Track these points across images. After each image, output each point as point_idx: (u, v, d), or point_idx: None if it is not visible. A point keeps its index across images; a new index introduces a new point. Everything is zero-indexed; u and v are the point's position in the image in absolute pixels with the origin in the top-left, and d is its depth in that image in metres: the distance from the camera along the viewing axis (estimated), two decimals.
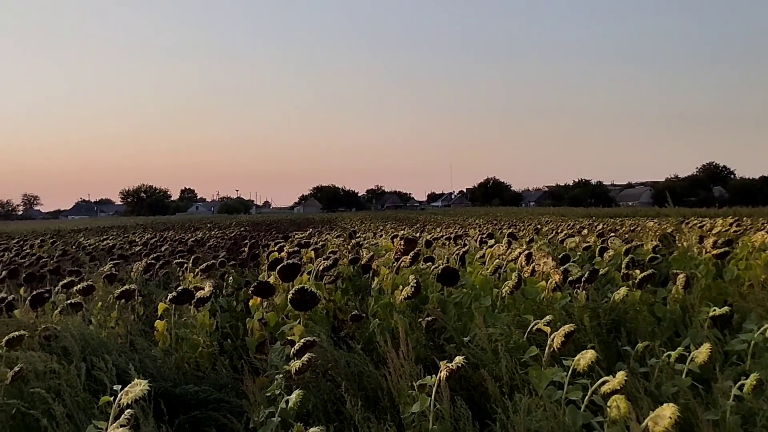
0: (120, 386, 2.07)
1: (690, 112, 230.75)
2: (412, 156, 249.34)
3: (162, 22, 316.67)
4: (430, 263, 5.23)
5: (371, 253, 6.40)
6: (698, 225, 10.94)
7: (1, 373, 2.83)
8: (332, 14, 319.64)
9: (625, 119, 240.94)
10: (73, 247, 12.06)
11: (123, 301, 4.40)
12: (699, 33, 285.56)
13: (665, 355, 2.78)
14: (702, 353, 2.68)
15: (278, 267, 4.29)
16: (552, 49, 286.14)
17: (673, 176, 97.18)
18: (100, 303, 4.45)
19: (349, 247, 8.03)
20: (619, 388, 2.18)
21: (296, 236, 11.72)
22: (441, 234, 11.07)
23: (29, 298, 4.20)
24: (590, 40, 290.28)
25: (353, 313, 4.05)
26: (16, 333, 3.16)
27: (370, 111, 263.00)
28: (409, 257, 4.68)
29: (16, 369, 2.76)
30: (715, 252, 4.97)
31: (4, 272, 6.30)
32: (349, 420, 2.66)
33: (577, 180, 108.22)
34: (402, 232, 9.79)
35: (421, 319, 3.72)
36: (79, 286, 4.42)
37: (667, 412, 1.94)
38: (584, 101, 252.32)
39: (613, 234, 9.85)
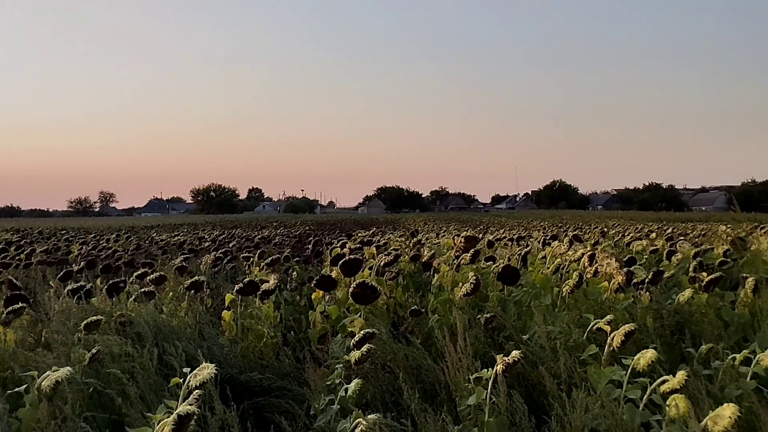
0: (189, 369, 2.18)
1: None
2: (477, 158, 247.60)
3: (231, 30, 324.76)
4: (491, 262, 5.22)
5: (432, 251, 6.43)
6: None
7: (80, 355, 3.00)
8: (395, 16, 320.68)
9: (699, 120, 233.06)
10: (147, 242, 12.53)
11: (193, 291, 4.59)
12: None
13: (730, 357, 2.72)
14: None
15: (340, 262, 4.39)
16: (621, 48, 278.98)
17: (750, 180, 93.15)
18: (171, 293, 4.64)
19: (411, 245, 8.08)
20: (679, 387, 2.16)
21: (359, 235, 11.84)
22: (504, 235, 10.96)
23: (106, 287, 4.41)
24: (661, 39, 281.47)
25: (413, 308, 4.10)
26: (94, 318, 3.33)
27: (435, 112, 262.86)
28: (469, 255, 4.70)
29: (94, 351, 2.91)
30: None
31: (82, 263, 6.62)
32: (406, 410, 2.71)
33: (647, 183, 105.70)
34: (465, 232, 9.77)
35: (480, 317, 3.74)
36: (152, 276, 4.63)
37: (727, 411, 1.92)
38: (656, 101, 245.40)
39: (682, 238, 9.56)
